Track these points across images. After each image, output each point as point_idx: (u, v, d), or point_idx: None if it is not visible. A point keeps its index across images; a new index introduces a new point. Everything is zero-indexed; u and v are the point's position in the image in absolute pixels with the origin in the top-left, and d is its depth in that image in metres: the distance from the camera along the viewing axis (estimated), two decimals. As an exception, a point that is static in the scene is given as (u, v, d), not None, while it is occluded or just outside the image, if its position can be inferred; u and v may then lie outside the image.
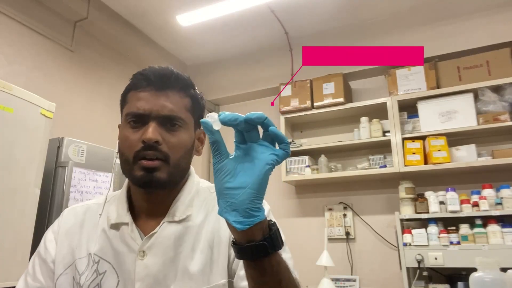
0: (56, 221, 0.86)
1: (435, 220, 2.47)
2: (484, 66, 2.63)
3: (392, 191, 2.87)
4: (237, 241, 0.54)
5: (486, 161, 2.48)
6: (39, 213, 1.85)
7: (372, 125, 2.88)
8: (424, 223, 2.53)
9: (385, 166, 2.80)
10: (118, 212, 0.79)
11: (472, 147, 2.53)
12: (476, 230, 2.33)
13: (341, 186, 3.11)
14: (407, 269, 2.44)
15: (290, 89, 3.19)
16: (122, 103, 0.81)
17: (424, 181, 2.76)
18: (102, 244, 0.77)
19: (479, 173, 2.62)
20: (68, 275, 0.77)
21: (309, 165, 3.02)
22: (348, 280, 2.81)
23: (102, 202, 0.86)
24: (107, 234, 0.78)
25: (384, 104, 2.82)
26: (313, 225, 3.12)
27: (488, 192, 2.41)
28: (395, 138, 2.70)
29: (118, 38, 3.05)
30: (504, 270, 1.73)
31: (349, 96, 3.11)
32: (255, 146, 0.53)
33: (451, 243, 2.35)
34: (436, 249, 2.38)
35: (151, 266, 0.73)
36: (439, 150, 2.53)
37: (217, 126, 0.53)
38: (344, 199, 3.08)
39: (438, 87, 2.73)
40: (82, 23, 2.77)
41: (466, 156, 2.53)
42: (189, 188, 0.82)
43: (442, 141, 2.55)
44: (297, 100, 3.13)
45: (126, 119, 0.77)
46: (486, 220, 2.34)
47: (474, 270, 1.84)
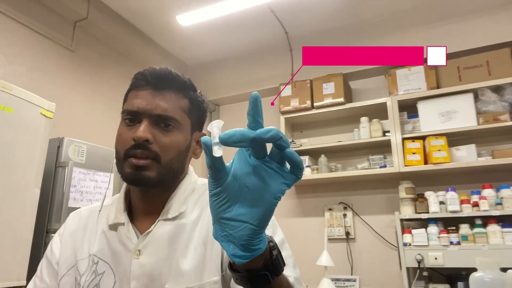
0: (63, 224, 0.89)
1: (435, 220, 2.47)
2: (484, 66, 2.63)
3: (392, 191, 2.87)
4: (234, 266, 0.50)
5: (486, 161, 2.48)
6: (39, 213, 1.85)
7: (372, 125, 2.88)
8: (424, 223, 2.53)
9: (385, 166, 2.80)
10: (116, 213, 0.80)
11: (472, 147, 2.53)
12: (476, 230, 2.33)
13: (341, 186, 3.11)
14: (407, 269, 2.44)
15: (290, 89, 3.19)
16: (123, 102, 0.82)
17: (424, 181, 2.76)
18: (101, 245, 0.78)
19: (479, 173, 2.62)
20: (70, 276, 0.78)
21: (309, 165, 3.03)
22: (348, 280, 2.81)
23: (106, 204, 0.87)
24: (106, 235, 0.79)
25: (384, 104, 2.82)
26: (313, 225, 3.12)
27: (488, 192, 2.41)
28: (395, 138, 2.70)
29: (118, 38, 3.05)
30: (504, 270, 1.73)
31: (349, 96, 3.11)
32: (263, 168, 0.45)
33: (451, 243, 2.35)
34: (436, 249, 2.38)
35: (146, 264, 0.73)
36: (439, 150, 2.53)
37: (218, 152, 0.45)
38: (344, 199, 3.08)
39: (438, 87, 2.73)
40: (82, 23, 2.77)
41: (466, 156, 2.53)
42: (184, 186, 0.82)
43: (442, 141, 2.55)
44: (297, 100, 3.13)
45: (122, 117, 0.78)
46: (486, 220, 2.34)
47: (474, 270, 1.84)
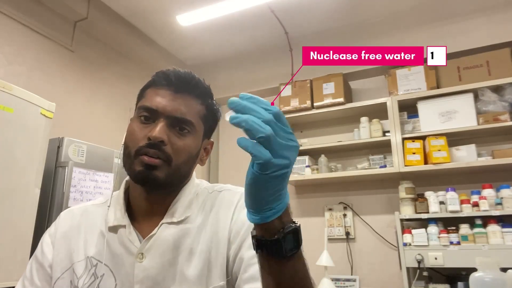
0: (53, 224, 0.85)
1: (435, 220, 2.47)
2: (484, 66, 2.63)
3: (392, 191, 2.87)
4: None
5: (486, 161, 2.48)
6: (39, 213, 1.85)
7: (372, 125, 2.88)
8: (424, 223, 2.53)
9: (385, 166, 2.80)
10: (116, 214, 0.78)
11: (472, 147, 2.53)
12: (476, 230, 2.33)
13: (341, 186, 3.11)
14: (407, 269, 2.44)
15: (290, 89, 3.19)
16: (139, 98, 0.80)
17: (424, 181, 2.76)
18: (100, 247, 0.76)
19: (479, 173, 2.62)
20: (65, 279, 0.76)
21: (309, 165, 3.03)
22: (348, 280, 2.81)
23: (99, 203, 0.85)
24: (105, 236, 0.77)
25: (384, 104, 2.82)
26: (313, 225, 3.12)
27: (488, 192, 2.41)
28: (395, 138, 2.70)
29: (118, 38, 3.05)
30: (504, 270, 1.74)
31: (349, 96, 3.11)
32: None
33: (451, 243, 2.35)
34: (436, 249, 2.37)
35: (150, 268, 0.72)
36: (439, 150, 2.53)
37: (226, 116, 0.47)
38: (344, 199, 3.08)
39: (438, 87, 2.73)
40: (82, 23, 2.77)
41: (466, 156, 2.53)
42: (188, 189, 0.81)
43: (442, 141, 2.55)
44: (297, 100, 3.13)
45: (138, 113, 0.76)
46: (486, 220, 2.34)
47: (474, 270, 1.84)
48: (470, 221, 2.38)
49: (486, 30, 2.77)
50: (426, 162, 2.59)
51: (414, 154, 2.62)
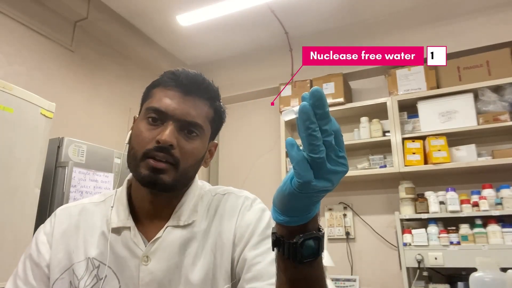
0: (47, 221, 0.82)
1: (435, 220, 2.47)
2: (484, 66, 2.63)
3: (392, 191, 2.87)
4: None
5: (486, 161, 2.48)
6: (39, 213, 1.85)
7: (372, 125, 2.88)
8: (424, 223, 2.53)
9: (385, 166, 2.80)
10: (119, 215, 0.76)
11: (472, 147, 2.53)
12: (476, 230, 2.33)
13: (341, 186, 3.06)
14: (407, 269, 2.44)
15: (290, 89, 3.19)
16: (145, 97, 0.78)
17: (424, 181, 2.76)
18: (102, 248, 0.74)
19: (479, 173, 2.62)
20: (64, 280, 0.74)
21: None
22: (348, 280, 2.81)
23: (97, 201, 0.83)
24: (107, 237, 0.75)
25: (384, 104, 2.82)
26: (313, 225, 3.12)
27: (488, 192, 2.41)
28: (395, 138, 2.70)
29: (118, 38, 3.05)
30: (504, 270, 1.74)
31: (349, 96, 3.11)
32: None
33: (451, 243, 2.35)
34: (436, 249, 2.37)
35: (156, 271, 0.71)
36: (439, 150, 2.53)
37: (286, 116, 0.46)
38: (344, 199, 3.08)
39: (438, 87, 2.73)
40: (82, 23, 2.77)
41: (466, 156, 2.53)
42: (193, 192, 0.80)
43: (442, 141, 2.55)
44: (297, 100, 3.13)
45: (145, 113, 0.74)
46: (486, 220, 2.34)
47: (474, 270, 1.84)
48: (470, 221, 2.38)
49: (486, 30, 2.77)
50: (426, 162, 2.59)
51: (414, 154, 2.62)
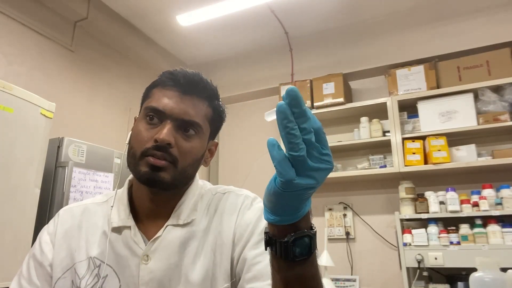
0: (51, 221, 0.83)
1: (435, 220, 2.47)
2: (484, 66, 2.63)
3: (392, 191, 2.87)
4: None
5: (486, 161, 2.48)
6: (39, 213, 1.85)
7: (372, 125, 2.88)
8: (424, 223, 2.53)
9: (385, 166, 2.80)
10: (120, 215, 0.77)
11: (472, 147, 2.53)
12: (476, 230, 2.33)
13: (341, 186, 3.11)
14: (407, 269, 2.44)
15: (290, 89, 3.19)
16: (144, 97, 0.80)
17: (424, 181, 2.76)
18: (103, 247, 0.75)
19: (479, 173, 2.62)
20: (66, 279, 0.75)
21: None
22: (348, 280, 2.81)
23: (100, 201, 0.84)
24: (108, 236, 0.76)
25: (384, 104, 2.82)
26: (313, 225, 3.12)
27: (488, 192, 2.41)
28: (395, 138, 2.70)
29: (118, 38, 3.05)
30: (504, 270, 1.74)
31: (349, 96, 3.11)
32: None
33: (451, 243, 2.35)
34: (436, 249, 2.38)
35: (156, 270, 0.72)
36: (439, 150, 2.53)
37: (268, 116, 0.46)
38: (344, 199, 3.08)
39: (438, 87, 2.73)
40: (82, 23, 2.77)
41: (466, 156, 2.53)
42: (193, 191, 0.81)
43: (442, 141, 2.55)
44: (297, 100, 3.13)
45: (144, 113, 0.75)
46: (486, 220, 2.34)
47: (474, 270, 1.84)
48: (470, 221, 2.38)
49: (486, 30, 2.77)
50: (426, 162, 2.59)
51: (414, 154, 2.62)
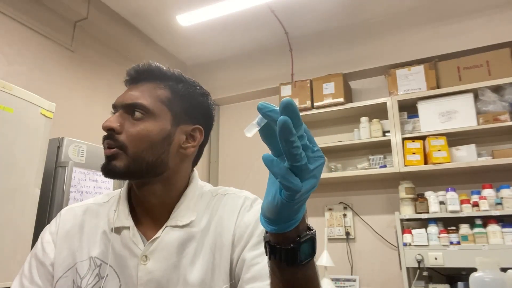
0: (53, 221, 0.83)
1: (435, 220, 2.47)
2: (484, 66, 2.63)
3: (392, 191, 2.87)
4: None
5: (486, 161, 2.48)
6: (39, 213, 1.85)
7: (372, 125, 2.88)
8: (424, 223, 2.53)
9: (385, 166, 2.80)
10: (119, 215, 0.78)
11: (472, 147, 2.53)
12: (476, 230, 2.33)
13: (341, 186, 3.11)
14: (407, 269, 2.44)
15: (290, 89, 3.19)
16: None
17: (424, 181, 2.76)
18: (104, 247, 0.76)
19: (479, 173, 2.62)
20: (68, 278, 0.75)
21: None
22: (348, 280, 2.81)
23: (101, 202, 0.84)
24: (109, 237, 0.76)
25: (384, 104, 2.82)
26: (313, 225, 3.05)
27: (488, 192, 2.41)
28: (395, 138, 2.70)
29: (118, 38, 3.05)
30: (504, 270, 1.74)
31: (349, 96, 3.11)
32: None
33: (451, 243, 2.35)
34: (436, 249, 2.37)
35: (154, 271, 0.72)
36: (439, 150, 2.53)
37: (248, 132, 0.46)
38: (344, 199, 3.08)
39: (438, 87, 2.73)
40: (82, 23, 2.77)
41: (466, 156, 2.53)
42: (192, 192, 0.80)
43: (442, 141, 2.55)
44: (297, 100, 3.13)
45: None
46: (486, 220, 2.34)
47: (474, 270, 1.84)
48: (470, 221, 2.38)
49: (486, 30, 2.77)
50: (426, 162, 2.59)
51: (414, 154, 2.62)
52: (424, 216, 2.48)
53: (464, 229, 2.36)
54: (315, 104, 3.07)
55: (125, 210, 0.78)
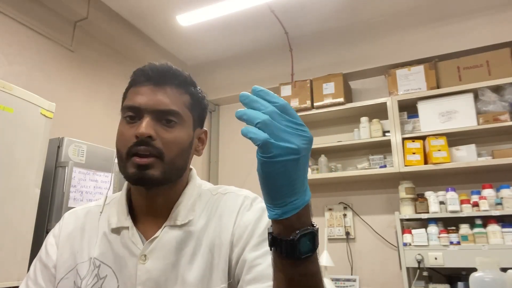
0: (57, 224, 0.85)
1: (435, 220, 2.47)
2: (484, 66, 2.63)
3: (392, 191, 2.87)
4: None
5: (486, 161, 2.48)
6: (39, 213, 1.85)
7: (372, 125, 2.88)
8: (424, 223, 2.53)
9: (385, 166, 2.80)
10: (119, 216, 0.78)
11: (472, 147, 2.53)
12: (476, 230, 2.33)
13: (341, 186, 3.11)
14: (407, 269, 2.44)
15: (290, 89, 3.19)
16: (123, 100, 0.79)
17: (424, 181, 2.76)
18: (103, 248, 0.76)
19: (479, 173, 2.62)
20: (69, 279, 0.76)
21: (309, 165, 3.02)
22: (348, 280, 2.81)
23: (102, 204, 0.85)
24: (108, 238, 0.77)
25: (384, 104, 2.82)
26: (313, 225, 3.11)
27: (488, 192, 2.41)
28: (395, 138, 2.70)
29: (118, 38, 3.05)
30: (504, 270, 1.74)
31: (349, 96, 3.11)
32: None
33: (451, 243, 2.35)
34: (436, 249, 2.38)
35: (153, 270, 0.72)
36: (439, 150, 2.53)
37: None
38: (344, 199, 3.08)
39: (438, 87, 2.73)
40: (82, 23, 2.77)
41: (466, 156, 2.53)
42: (191, 191, 0.81)
43: (442, 141, 2.55)
44: (297, 100, 3.13)
45: (123, 114, 0.75)
46: (486, 220, 2.34)
47: (474, 270, 1.84)
48: (470, 221, 2.38)
49: (486, 30, 2.77)
50: (426, 162, 2.59)
51: (414, 154, 2.62)
52: (424, 216, 2.48)
53: (464, 229, 2.36)
54: (315, 104, 3.07)
55: (124, 210, 0.78)
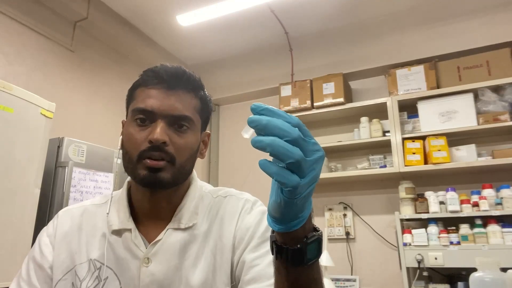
0: (50, 223, 0.82)
1: (435, 220, 2.47)
2: (484, 66, 2.63)
3: (392, 191, 2.87)
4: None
5: (486, 161, 2.48)
6: (39, 213, 1.85)
7: (372, 125, 2.88)
8: (424, 223, 2.53)
9: (385, 166, 2.80)
10: (120, 217, 0.77)
11: (472, 147, 2.53)
12: (476, 230, 2.33)
13: (341, 186, 3.11)
14: (407, 269, 2.44)
15: (290, 89, 3.19)
16: (129, 99, 0.78)
17: (424, 181, 2.76)
18: (103, 249, 0.75)
19: (479, 173, 2.62)
20: (67, 281, 0.74)
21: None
22: (348, 280, 2.81)
23: (99, 203, 0.83)
24: (109, 239, 0.75)
25: (384, 104, 2.82)
26: (313, 225, 3.11)
27: (488, 192, 2.41)
28: (395, 138, 2.70)
29: (118, 38, 3.05)
30: (504, 270, 1.73)
31: (349, 96, 3.11)
32: None
33: (451, 243, 2.35)
34: (436, 249, 2.38)
35: (156, 273, 0.72)
36: (439, 150, 2.53)
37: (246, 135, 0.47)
38: (344, 199, 3.08)
39: (438, 87, 2.73)
40: (82, 23, 2.77)
41: (466, 156, 2.53)
42: (193, 193, 0.80)
43: (442, 141, 2.55)
44: (297, 100, 3.13)
45: (133, 115, 0.74)
46: (486, 220, 2.34)
47: (474, 270, 1.84)
48: (470, 221, 2.38)
49: (486, 30, 2.77)
50: (426, 162, 2.59)
51: (414, 154, 2.62)
52: (424, 216, 2.48)
53: (464, 229, 2.36)
54: (315, 104, 3.07)
55: (126, 212, 0.77)
